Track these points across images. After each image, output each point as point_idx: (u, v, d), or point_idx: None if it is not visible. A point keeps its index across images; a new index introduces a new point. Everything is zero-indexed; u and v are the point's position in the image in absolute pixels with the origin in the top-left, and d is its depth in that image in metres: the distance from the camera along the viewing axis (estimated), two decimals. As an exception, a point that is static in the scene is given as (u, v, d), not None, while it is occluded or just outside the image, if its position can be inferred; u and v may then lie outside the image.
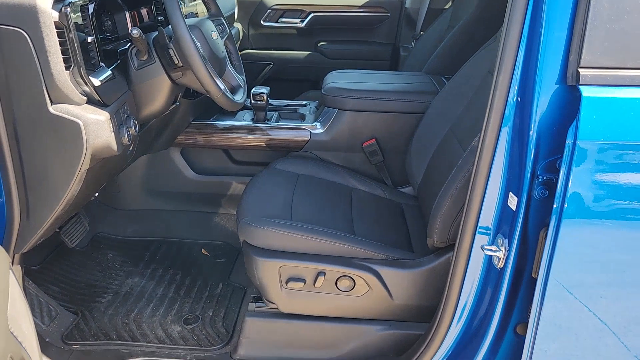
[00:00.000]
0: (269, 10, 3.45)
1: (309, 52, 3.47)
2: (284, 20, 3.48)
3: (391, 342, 1.72)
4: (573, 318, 1.30)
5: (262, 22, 3.47)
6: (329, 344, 1.75)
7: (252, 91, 2.28)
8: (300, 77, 3.39)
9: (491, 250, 1.35)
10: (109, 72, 1.54)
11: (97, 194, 1.87)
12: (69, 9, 1.36)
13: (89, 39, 1.47)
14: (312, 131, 2.27)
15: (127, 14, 1.75)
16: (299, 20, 3.46)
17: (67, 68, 1.38)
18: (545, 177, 1.26)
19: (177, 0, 1.60)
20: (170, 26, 1.62)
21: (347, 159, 2.30)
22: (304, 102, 2.55)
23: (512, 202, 1.32)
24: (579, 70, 1.18)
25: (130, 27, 1.71)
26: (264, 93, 2.27)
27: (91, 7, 1.50)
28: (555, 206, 1.21)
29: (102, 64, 1.53)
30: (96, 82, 1.47)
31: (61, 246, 2.21)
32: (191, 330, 1.89)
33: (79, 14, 1.45)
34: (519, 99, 1.28)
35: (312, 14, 3.43)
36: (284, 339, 1.75)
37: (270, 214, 1.78)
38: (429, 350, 1.53)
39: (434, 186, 1.84)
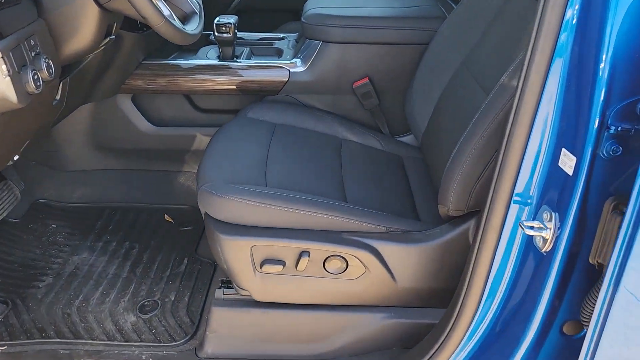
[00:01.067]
0: None
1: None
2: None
3: (395, 332, 1.39)
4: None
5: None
6: (317, 336, 1.41)
7: (215, 22, 1.84)
8: (278, 7, 2.90)
9: (533, 228, 0.99)
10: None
11: (16, 157, 1.46)
12: None
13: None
14: (291, 70, 1.85)
15: None
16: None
17: None
18: (619, 128, 0.88)
19: None
20: None
21: (335, 103, 1.89)
22: (280, 35, 2.11)
23: (567, 162, 0.94)
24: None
25: None
26: (230, 23, 1.83)
27: None
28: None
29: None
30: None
31: (-12, 219, 1.83)
32: (148, 321, 1.54)
33: None
34: (582, 17, 0.89)
35: None
36: (260, 332, 1.41)
37: (239, 178, 1.39)
38: (447, 345, 1.19)
39: (444, 136, 1.45)
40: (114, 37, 1.45)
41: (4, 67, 1.06)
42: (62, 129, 1.94)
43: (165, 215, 1.98)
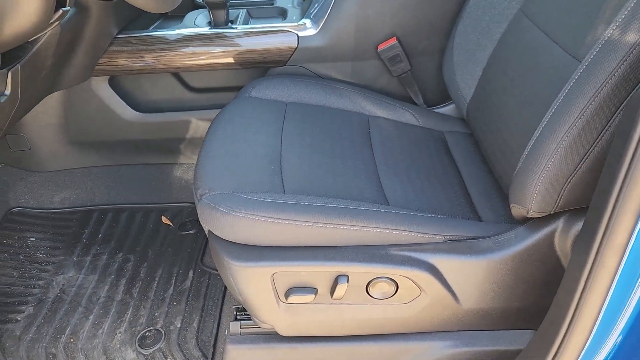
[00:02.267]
0: None
1: None
2: None
3: (462, 363, 1.11)
4: None
5: None
6: (361, 372, 1.14)
7: (202, -21, 1.49)
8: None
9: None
10: None
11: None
12: None
13: None
14: (300, 34, 1.51)
15: None
16: None
17: None
18: None
19: None
20: None
21: (356, 72, 1.56)
22: (282, -9, 1.76)
23: None
24: None
25: None
26: (220, -20, 1.49)
27: None
28: None
29: None
30: None
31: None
32: (150, 358, 1.27)
33: None
34: None
35: None
36: (289, 372, 1.14)
37: (248, 183, 1.08)
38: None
39: (504, 108, 1.14)
40: (68, 8, 1.11)
41: None
42: (31, 123, 1.62)
43: (163, 216, 1.69)
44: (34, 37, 1.11)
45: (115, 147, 1.70)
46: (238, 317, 1.17)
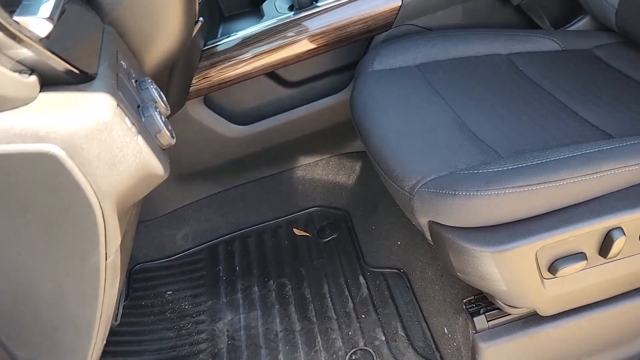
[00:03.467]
0: None
1: None
2: None
3: None
4: None
5: None
6: (628, 333, 1.00)
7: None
8: None
9: None
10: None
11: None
12: None
13: None
14: (400, -10, 1.35)
15: None
16: None
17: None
18: None
19: None
20: None
21: (467, 14, 1.40)
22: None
23: None
24: None
25: None
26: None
27: None
28: None
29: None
30: (39, 26, 0.56)
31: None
32: (374, 381, 1.14)
33: None
34: None
35: None
36: (555, 354, 1.00)
37: (456, 157, 0.94)
38: None
39: None
40: (201, 19, 0.95)
41: (127, 120, 0.59)
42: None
43: (294, 229, 1.54)
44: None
45: (223, 170, 1.54)
46: (470, 310, 1.03)
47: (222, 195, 1.58)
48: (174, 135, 0.72)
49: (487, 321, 1.00)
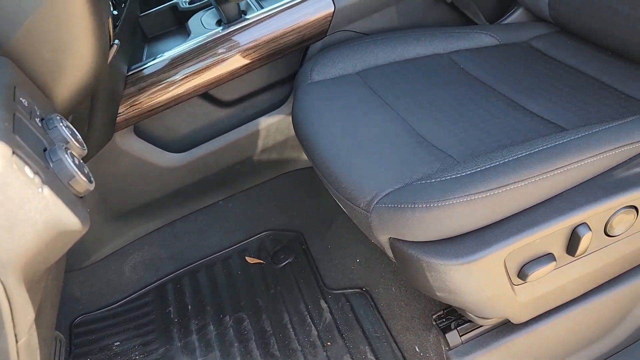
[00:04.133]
0: None
1: None
2: None
3: None
4: None
5: None
6: (602, 328, 0.97)
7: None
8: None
9: None
10: None
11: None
12: None
13: None
14: (331, -5, 1.29)
15: None
16: None
17: None
18: None
19: None
20: None
21: (402, 15, 1.36)
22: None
23: None
24: None
25: None
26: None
27: None
28: None
29: None
30: None
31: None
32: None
33: None
34: None
35: None
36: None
37: (410, 166, 0.87)
38: None
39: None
40: (117, 42, 0.85)
41: (27, 170, 0.48)
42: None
43: (247, 257, 1.44)
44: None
45: (162, 202, 1.43)
46: (441, 325, 0.97)
47: (165, 230, 1.47)
48: (91, 179, 0.62)
49: (460, 336, 0.94)
